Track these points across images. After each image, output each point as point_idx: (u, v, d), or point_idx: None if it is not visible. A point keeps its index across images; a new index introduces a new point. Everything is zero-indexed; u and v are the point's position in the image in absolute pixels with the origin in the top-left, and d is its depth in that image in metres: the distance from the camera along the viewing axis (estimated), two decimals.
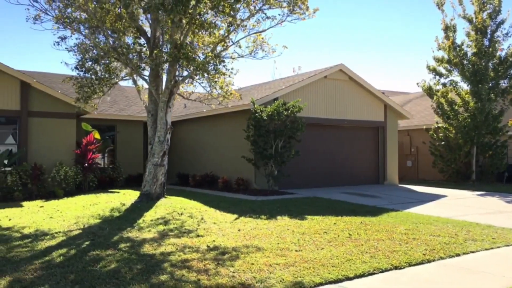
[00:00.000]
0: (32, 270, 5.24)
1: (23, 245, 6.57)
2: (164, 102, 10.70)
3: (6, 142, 13.63)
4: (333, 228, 7.98)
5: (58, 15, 9.73)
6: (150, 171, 10.87)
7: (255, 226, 8.19)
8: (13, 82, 13.36)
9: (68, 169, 13.61)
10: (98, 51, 10.10)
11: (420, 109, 23.34)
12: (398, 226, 8.15)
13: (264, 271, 5.33)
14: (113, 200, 11.12)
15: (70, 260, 5.73)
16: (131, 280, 4.93)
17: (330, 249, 6.38)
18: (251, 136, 13.50)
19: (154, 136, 10.98)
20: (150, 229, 7.84)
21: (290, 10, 11.36)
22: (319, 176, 15.61)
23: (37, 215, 9.28)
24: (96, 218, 8.84)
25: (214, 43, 11.00)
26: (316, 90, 15.56)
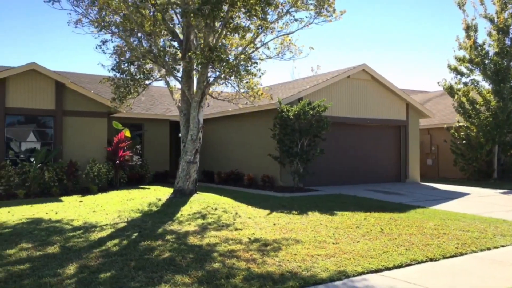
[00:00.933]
0: (94, 258, 5.72)
1: (77, 236, 7.06)
2: (197, 102, 11.14)
3: (42, 139, 14.25)
4: (364, 223, 8.32)
5: (98, 19, 10.22)
6: (183, 168, 11.33)
7: (289, 220, 8.57)
8: (48, 82, 13.97)
9: (101, 166, 14.17)
10: (135, 54, 10.57)
11: (440, 108, 23.41)
12: (427, 222, 8.45)
13: (308, 261, 5.71)
14: (147, 196, 11.61)
15: (125, 249, 6.19)
16: (187, 267, 5.36)
17: (365, 242, 6.73)
18: (277, 135, 13.88)
19: (186, 134, 11.43)
20: (189, 223, 8.28)
21: (317, 13, 11.68)
22: (343, 174, 15.92)
23: (79, 209, 9.81)
24: (136, 212, 9.32)
25: (243, 45, 11.39)
26: (339, 90, 15.85)
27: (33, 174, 12.83)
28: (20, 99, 13.50)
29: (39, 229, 7.46)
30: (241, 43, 11.47)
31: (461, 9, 19.49)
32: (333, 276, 5.11)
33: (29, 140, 14.14)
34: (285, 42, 12.17)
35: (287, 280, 4.91)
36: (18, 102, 13.46)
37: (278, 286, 4.74)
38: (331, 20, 11.81)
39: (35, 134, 14.29)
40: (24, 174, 12.91)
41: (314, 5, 11.62)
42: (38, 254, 5.89)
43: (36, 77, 13.72)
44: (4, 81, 13.21)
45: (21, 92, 13.53)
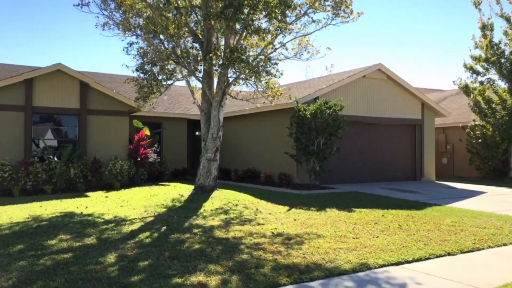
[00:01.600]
0: (130, 249, 6.11)
1: (110, 228, 7.47)
2: (217, 101, 11.49)
3: (67, 137, 14.76)
4: (382, 219, 8.59)
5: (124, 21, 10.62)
6: (204, 166, 11.70)
7: (309, 216, 8.88)
8: (73, 82, 14.46)
9: (123, 163, 14.64)
10: (160, 56, 10.95)
11: (456, 106, 23.43)
12: (444, 219, 8.68)
13: (330, 254, 6.02)
14: (169, 192, 12.01)
15: (157, 241, 6.57)
16: (217, 257, 5.71)
17: (384, 237, 7.01)
18: (294, 133, 14.17)
19: (207, 133, 11.80)
20: (213, 218, 8.64)
21: (334, 14, 11.90)
22: (358, 172, 16.15)
23: (107, 204, 10.24)
24: (161, 207, 9.72)
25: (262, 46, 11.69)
26: (355, 89, 16.07)
27: (59, 170, 13.33)
28: (47, 98, 14.02)
29: (74, 222, 7.89)
30: (260, 44, 11.77)
31: (477, 8, 19.51)
32: (355, 268, 5.41)
33: (54, 138, 14.66)
34: (302, 43, 12.43)
35: (312, 271, 5.23)
36: (44, 101, 13.98)
37: (305, 275, 5.06)
38: (348, 21, 12.03)
39: (60, 132, 14.81)
40: (51, 171, 13.42)
41: (331, 6, 11.86)
42: (77, 244, 6.30)
43: (61, 77, 14.23)
44: (31, 81, 13.74)
45: (47, 92, 14.04)
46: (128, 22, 10.62)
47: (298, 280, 4.92)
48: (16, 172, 13.01)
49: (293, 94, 15.49)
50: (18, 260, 5.44)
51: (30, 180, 13.00)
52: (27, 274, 4.87)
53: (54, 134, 14.73)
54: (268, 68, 10.96)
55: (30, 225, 7.59)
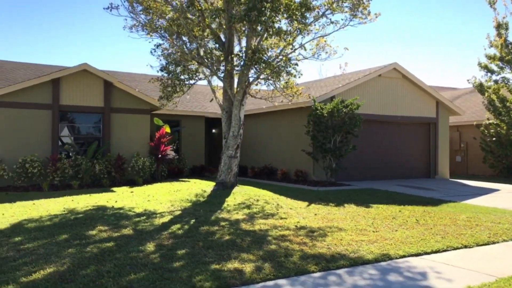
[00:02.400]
0: (166, 239, 6.57)
1: (142, 221, 7.95)
2: (239, 100, 11.92)
3: (92, 134, 15.33)
4: (400, 215, 8.94)
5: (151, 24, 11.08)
6: (226, 162, 12.14)
7: (328, 211, 9.26)
8: (98, 81, 15.01)
9: (145, 159, 15.16)
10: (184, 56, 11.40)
11: (470, 105, 23.54)
12: (459, 215, 9.00)
13: (353, 245, 6.41)
14: (191, 188, 12.49)
15: (189, 232, 7.02)
16: (248, 247, 6.14)
17: (403, 231, 7.37)
18: (311, 131, 14.54)
19: (228, 131, 12.23)
20: (237, 212, 9.07)
21: (352, 15, 12.23)
22: (373, 169, 16.46)
23: (134, 198, 10.74)
24: (186, 201, 10.18)
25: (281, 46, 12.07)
26: (370, 88, 16.37)
27: (85, 166, 13.89)
28: (72, 97, 14.58)
29: (107, 214, 8.39)
30: (279, 45, 12.15)
31: (492, 7, 19.58)
32: (378, 258, 5.79)
33: (80, 135, 15.23)
34: (320, 43, 12.78)
35: (338, 260, 5.63)
36: (70, 99, 14.54)
37: (331, 264, 5.46)
38: (366, 22, 12.34)
39: (85, 129, 15.38)
40: (77, 167, 13.99)
41: (349, 7, 12.19)
42: (116, 235, 6.78)
43: (87, 76, 14.78)
44: (58, 80, 14.31)
45: (73, 91, 14.60)
46: (154, 24, 11.06)
47: (325, 268, 5.32)
48: (44, 168, 13.61)
49: (310, 93, 15.84)
50: (66, 248, 5.93)
51: (58, 175, 13.58)
52: (79, 260, 5.35)
53: (79, 132, 15.30)
54: (288, 69, 11.34)
55: (68, 217, 8.10)
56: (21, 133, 13.73)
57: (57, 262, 5.24)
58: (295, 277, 5.00)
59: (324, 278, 5.02)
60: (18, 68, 18.77)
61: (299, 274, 5.10)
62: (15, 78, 16.96)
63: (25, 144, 13.71)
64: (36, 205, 9.65)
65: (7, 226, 7.28)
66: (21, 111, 13.75)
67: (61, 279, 4.65)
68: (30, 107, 13.89)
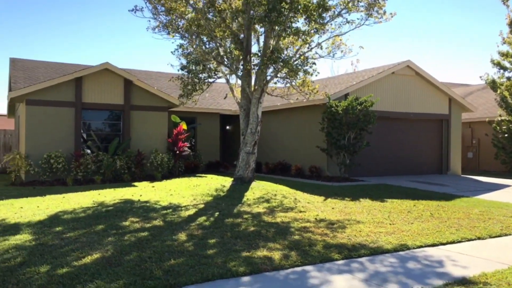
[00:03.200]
0: (195, 229, 7.00)
1: (169, 213, 8.39)
2: (256, 98, 12.29)
3: (112, 131, 15.84)
4: (414, 209, 9.28)
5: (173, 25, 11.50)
6: (243, 158, 12.54)
7: (345, 205, 9.64)
8: (118, 79, 15.50)
9: (164, 155, 15.63)
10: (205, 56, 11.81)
11: (482, 101, 23.66)
12: (472, 209, 9.32)
13: (372, 236, 6.79)
14: (209, 183, 12.91)
15: (215, 224, 7.45)
16: (273, 237, 6.54)
17: (419, 224, 7.72)
18: (325, 128, 14.89)
19: (246, 128, 12.62)
20: (257, 206, 9.48)
21: (368, 15, 12.51)
22: (386, 165, 16.77)
23: (157, 193, 11.20)
24: (207, 196, 10.61)
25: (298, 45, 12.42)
26: (384, 85, 16.65)
27: (106, 162, 14.41)
28: (94, 95, 15.09)
29: (136, 207, 8.85)
30: (296, 43, 12.50)
31: (505, 5, 19.68)
32: (396, 248, 6.16)
33: (101, 131, 15.74)
34: (336, 42, 13.10)
35: (359, 249, 6.01)
36: (92, 97, 15.05)
37: (353, 253, 5.85)
38: (381, 22, 12.63)
39: (106, 126, 15.89)
40: (99, 162, 14.51)
41: (365, 7, 12.48)
42: (148, 225, 7.23)
43: (108, 75, 15.27)
44: (80, 79, 14.82)
45: (95, 89, 15.11)
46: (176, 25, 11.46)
47: (348, 257, 5.71)
48: (68, 163, 14.15)
49: (324, 90, 16.16)
50: (106, 237, 6.40)
51: (81, 170, 14.11)
52: (120, 247, 5.80)
53: (100, 128, 15.81)
54: (305, 67, 11.69)
55: (99, 209, 8.58)
56: (46, 130, 14.27)
57: (101, 249, 5.70)
58: (321, 264, 5.39)
59: (347, 265, 5.41)
60: (38, 66, 19.35)
61: (324, 261, 5.49)
62: (37, 76, 17.53)
63: (50, 141, 14.25)
64: (66, 198, 10.16)
65: (45, 217, 7.77)
66: (46, 108, 14.29)
67: (108, 263, 5.10)
68: (54, 104, 14.43)
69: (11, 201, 9.73)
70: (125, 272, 4.82)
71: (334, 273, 5.06)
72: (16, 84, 16.17)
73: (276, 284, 4.68)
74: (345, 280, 4.84)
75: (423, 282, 4.75)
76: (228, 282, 4.71)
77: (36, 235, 6.46)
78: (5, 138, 17.37)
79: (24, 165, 13.69)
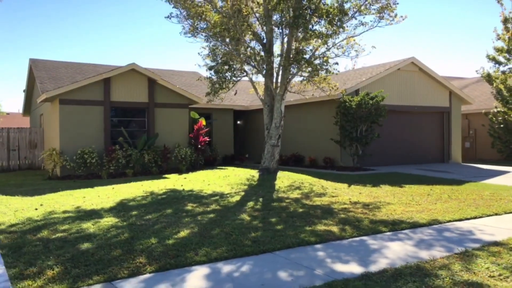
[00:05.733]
0: (251, 211, 8.03)
1: (219, 200, 9.40)
2: (280, 95, 13.35)
3: (138, 128, 16.75)
4: (432, 192, 10.44)
5: (207, 29, 12.47)
6: (269, 151, 13.61)
7: (370, 191, 10.76)
8: (143, 79, 16.40)
9: (187, 149, 16.61)
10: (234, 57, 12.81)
11: (477, 94, 25.00)
12: (483, 191, 10.52)
13: (406, 214, 7.91)
14: (235, 174, 13.92)
15: (265, 207, 8.49)
16: (322, 217, 7.61)
17: (441, 204, 8.87)
18: (339, 122, 16.01)
19: (270, 122, 13.67)
20: (291, 192, 10.55)
21: (380, 17, 13.59)
22: (393, 155, 17.97)
23: (193, 183, 12.18)
24: (241, 185, 11.64)
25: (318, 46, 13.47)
26: (390, 81, 17.80)
27: (135, 157, 15.35)
28: (121, 94, 15.99)
29: (185, 195, 9.85)
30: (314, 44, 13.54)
31: (499, 3, 20.96)
32: (430, 222, 7.29)
33: (128, 128, 16.65)
34: (350, 42, 14.17)
35: (399, 224, 7.12)
36: (119, 96, 15.95)
37: (396, 226, 6.96)
38: (392, 23, 13.73)
39: (132, 123, 16.80)
40: (128, 157, 15.44)
41: (376, 10, 13.56)
42: (209, 209, 8.25)
43: (134, 75, 16.17)
44: (109, 79, 15.69)
45: (122, 88, 16.01)
46: (209, 30, 12.42)
47: (392, 229, 6.81)
48: (100, 158, 15.06)
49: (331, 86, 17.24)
50: (181, 218, 7.41)
51: (113, 165, 15.03)
52: (201, 225, 6.83)
53: (127, 125, 16.70)
54: (326, 66, 12.77)
55: (155, 197, 9.57)
56: (78, 127, 15.15)
57: (186, 227, 6.73)
58: (373, 235, 6.49)
59: (395, 235, 6.52)
60: (59, 66, 20.10)
61: (375, 233, 6.59)
62: (60, 76, 18.34)
63: (81, 137, 15.14)
64: (115, 189, 11.11)
65: (114, 204, 8.74)
66: (77, 107, 15.16)
67: (202, 236, 6.13)
68: (85, 103, 15.30)
69: (68, 192, 10.67)
70: (220, 242, 5.86)
71: (386, 241, 6.16)
72: (43, 85, 16.99)
73: (344, 249, 5.76)
74: (398, 245, 5.94)
75: (462, 245, 5.87)
76: (306, 248, 5.78)
77: (120, 218, 7.44)
78: (31, 136, 18.15)
79: (60, 161, 14.56)
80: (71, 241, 5.95)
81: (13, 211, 8.10)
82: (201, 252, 5.41)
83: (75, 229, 6.64)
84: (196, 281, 4.56)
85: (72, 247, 5.65)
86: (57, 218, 7.47)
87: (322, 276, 4.71)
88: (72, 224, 7.00)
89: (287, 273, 4.77)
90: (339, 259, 5.30)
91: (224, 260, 5.21)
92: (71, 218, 7.40)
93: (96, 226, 6.83)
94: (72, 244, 5.79)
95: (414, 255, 5.45)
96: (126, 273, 4.70)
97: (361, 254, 5.49)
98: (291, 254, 5.49)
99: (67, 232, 6.44)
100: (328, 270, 4.90)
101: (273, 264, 5.09)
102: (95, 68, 20.59)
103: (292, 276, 4.71)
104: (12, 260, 5.09)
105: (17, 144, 17.98)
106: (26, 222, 7.22)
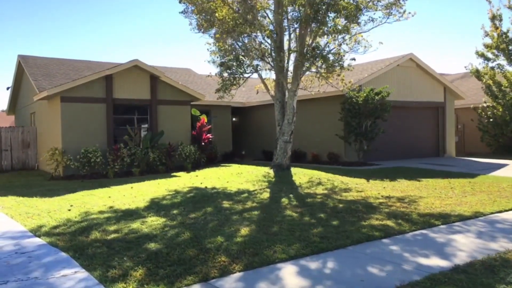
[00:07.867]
0: (291, 208, 7.93)
1: (248, 197, 9.22)
2: (293, 91, 13.28)
3: (140, 125, 16.31)
4: (452, 186, 10.63)
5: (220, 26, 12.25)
6: (281, 147, 13.53)
7: (392, 185, 10.86)
8: (145, 76, 15.98)
9: (191, 147, 16.32)
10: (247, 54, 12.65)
11: (463, 89, 25.66)
12: (499, 184, 10.81)
13: (446, 207, 8.00)
14: (249, 170, 13.76)
15: (302, 203, 8.40)
16: (368, 212, 7.59)
17: (471, 197, 9.04)
18: (344, 117, 16.11)
19: (282, 119, 13.59)
20: (315, 188, 10.52)
21: (388, 14, 13.71)
22: (394, 150, 18.25)
23: (208, 181, 11.91)
24: (261, 182, 11.52)
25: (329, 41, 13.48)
26: (390, 77, 18.06)
27: (140, 155, 14.95)
28: (124, 90, 15.52)
29: (213, 193, 9.63)
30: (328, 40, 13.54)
31: (487, 1, 21.63)
32: (474, 215, 7.39)
33: (130, 126, 16.18)
34: (358, 38, 14.25)
35: (448, 217, 7.17)
36: (122, 93, 15.48)
37: (446, 219, 7.02)
38: (400, 20, 13.88)
39: (135, 120, 16.34)
40: (133, 155, 15.01)
41: (384, 6, 13.68)
42: (247, 207, 8.08)
43: (136, 71, 15.72)
44: (111, 76, 15.19)
45: (124, 85, 15.54)
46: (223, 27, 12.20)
47: (445, 223, 6.86)
48: (104, 157, 14.58)
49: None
50: (228, 215, 7.23)
51: (118, 164, 14.58)
52: (256, 222, 6.67)
53: (130, 122, 16.23)
54: (341, 62, 12.80)
55: (185, 196, 9.32)
56: (80, 125, 14.61)
57: (241, 224, 6.57)
58: (430, 228, 6.53)
59: (450, 228, 6.58)
60: (50, 63, 19.30)
61: (430, 226, 6.63)
62: (53, 73, 17.64)
63: (84, 136, 14.61)
64: (134, 188, 10.77)
65: (146, 204, 8.45)
66: (79, 105, 14.61)
67: (265, 234, 5.99)
68: (87, 101, 14.76)
69: (88, 192, 10.27)
70: (288, 239, 5.76)
71: (447, 234, 6.21)
72: (38, 82, 16.30)
73: (413, 243, 5.76)
74: (462, 238, 5.99)
75: None
76: (375, 243, 5.75)
77: (163, 217, 7.20)
78: (23, 135, 17.40)
79: (64, 160, 14.01)
80: (133, 241, 5.70)
81: (46, 213, 7.70)
82: (278, 250, 5.29)
83: (126, 229, 6.36)
84: (292, 278, 4.45)
85: (139, 247, 5.41)
86: (97, 218, 7.16)
87: (413, 270, 4.69)
88: (118, 224, 6.71)
89: (376, 269, 4.73)
90: (416, 252, 5.30)
91: (304, 257, 5.11)
92: (113, 219, 7.10)
93: (146, 225, 6.58)
94: (136, 244, 5.55)
95: (486, 247, 5.51)
96: (216, 273, 4.53)
97: (434, 248, 5.50)
98: (366, 250, 5.45)
99: (120, 233, 6.17)
100: (414, 264, 4.89)
101: (356, 260, 5.04)
102: (88, 64, 19.91)
103: (383, 271, 4.67)
104: (88, 263, 4.82)
105: (9, 144, 17.18)
106: (68, 223, 6.87)
